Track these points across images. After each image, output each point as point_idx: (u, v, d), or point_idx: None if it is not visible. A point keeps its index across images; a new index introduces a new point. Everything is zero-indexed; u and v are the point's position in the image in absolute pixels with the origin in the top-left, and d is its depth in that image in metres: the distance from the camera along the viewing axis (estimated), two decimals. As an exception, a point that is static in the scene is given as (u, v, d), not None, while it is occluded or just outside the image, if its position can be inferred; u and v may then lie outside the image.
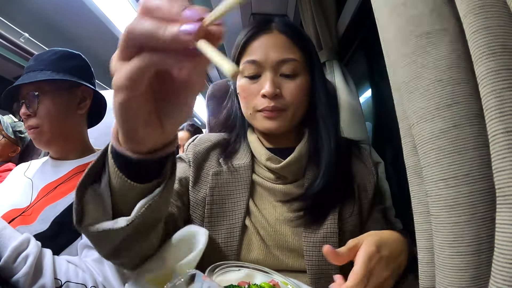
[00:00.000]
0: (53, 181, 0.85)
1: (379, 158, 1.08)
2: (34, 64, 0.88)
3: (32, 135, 0.85)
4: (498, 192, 0.28)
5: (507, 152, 0.27)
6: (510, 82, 0.28)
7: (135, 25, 0.27)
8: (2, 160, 1.54)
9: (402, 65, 0.40)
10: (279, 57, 0.68)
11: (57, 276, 0.63)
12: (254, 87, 0.70)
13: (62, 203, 0.78)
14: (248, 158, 0.74)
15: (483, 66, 0.29)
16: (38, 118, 0.84)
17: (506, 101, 0.28)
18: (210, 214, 0.69)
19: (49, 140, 0.87)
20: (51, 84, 0.86)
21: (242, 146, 0.78)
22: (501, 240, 0.27)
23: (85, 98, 0.93)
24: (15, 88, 0.84)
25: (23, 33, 2.01)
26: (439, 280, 0.35)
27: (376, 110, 1.32)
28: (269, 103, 0.67)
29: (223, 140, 0.79)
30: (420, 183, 0.42)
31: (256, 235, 0.67)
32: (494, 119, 0.28)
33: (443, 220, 0.34)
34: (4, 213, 0.80)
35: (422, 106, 0.37)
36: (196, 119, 5.32)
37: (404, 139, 0.45)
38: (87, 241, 0.72)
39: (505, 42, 0.29)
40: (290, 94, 0.68)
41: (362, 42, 1.37)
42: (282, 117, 0.69)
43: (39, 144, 0.87)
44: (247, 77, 0.71)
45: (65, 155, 0.91)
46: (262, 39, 0.70)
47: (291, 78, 0.69)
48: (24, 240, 0.62)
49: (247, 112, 0.73)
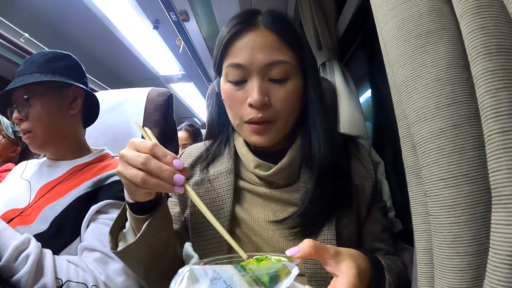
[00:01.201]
0: (50, 181, 0.85)
1: (379, 158, 1.08)
2: (24, 68, 0.87)
3: (27, 140, 0.85)
4: (493, 192, 0.28)
5: (502, 152, 0.27)
6: (506, 82, 0.28)
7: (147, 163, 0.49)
8: (2, 160, 1.54)
9: (401, 64, 0.40)
10: (267, 59, 0.60)
11: (57, 275, 0.63)
12: (239, 94, 0.62)
13: (61, 203, 0.78)
14: (230, 162, 0.70)
15: (479, 66, 0.29)
16: (30, 121, 0.84)
17: (502, 101, 0.27)
18: (194, 226, 0.68)
19: (43, 143, 0.86)
20: (40, 86, 0.85)
21: (225, 150, 0.73)
22: (496, 240, 0.27)
23: (76, 98, 0.92)
24: (7, 93, 0.84)
25: (23, 33, 2.01)
26: (438, 281, 0.35)
27: (376, 110, 1.31)
28: (256, 113, 0.60)
29: (206, 149, 0.77)
30: (419, 183, 0.41)
31: (249, 244, 0.65)
32: (490, 119, 0.28)
33: (442, 220, 0.34)
34: (3, 214, 0.80)
35: (421, 106, 0.37)
36: (196, 119, 5.32)
37: (403, 139, 0.44)
38: (87, 244, 0.72)
39: (501, 42, 0.29)
40: (280, 102, 0.61)
41: (362, 42, 1.36)
42: (271, 130, 0.63)
43: (34, 148, 0.86)
44: (231, 82, 0.63)
45: (61, 155, 0.91)
46: (247, 38, 0.61)
47: (281, 83, 0.61)
48: (25, 240, 0.62)
49: (234, 122, 0.67)
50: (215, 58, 0.67)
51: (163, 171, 0.49)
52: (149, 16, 2.26)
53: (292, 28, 0.65)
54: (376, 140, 1.28)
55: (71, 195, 0.79)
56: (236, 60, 0.61)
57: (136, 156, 0.49)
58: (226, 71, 0.64)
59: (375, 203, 0.71)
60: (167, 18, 2.14)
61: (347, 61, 1.50)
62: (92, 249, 0.71)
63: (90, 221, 0.76)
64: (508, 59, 0.28)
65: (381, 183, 1.02)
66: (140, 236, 0.55)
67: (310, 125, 0.66)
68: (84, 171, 0.85)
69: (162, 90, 1.22)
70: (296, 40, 0.64)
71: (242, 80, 0.62)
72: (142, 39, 2.55)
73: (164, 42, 2.64)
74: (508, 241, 0.26)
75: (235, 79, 0.62)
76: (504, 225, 0.26)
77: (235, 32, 0.62)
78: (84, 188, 0.80)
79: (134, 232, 0.58)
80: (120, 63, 2.94)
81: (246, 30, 0.62)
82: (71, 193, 0.79)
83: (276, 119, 0.62)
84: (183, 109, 4.64)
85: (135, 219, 0.57)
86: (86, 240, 0.73)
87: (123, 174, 0.50)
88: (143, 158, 0.49)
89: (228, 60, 0.63)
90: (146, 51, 2.79)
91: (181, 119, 4.84)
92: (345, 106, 1.17)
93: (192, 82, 3.65)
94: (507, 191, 0.27)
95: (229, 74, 0.63)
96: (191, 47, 2.65)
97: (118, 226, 0.60)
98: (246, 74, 0.62)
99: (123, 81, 3.29)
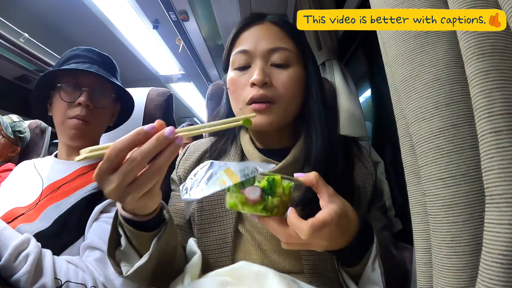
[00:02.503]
0: (57, 181, 0.85)
1: (379, 158, 1.08)
2: (99, 60, 0.91)
3: (78, 124, 0.83)
4: (486, 192, 0.28)
5: (495, 152, 0.27)
6: (499, 82, 0.28)
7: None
8: (2, 160, 1.54)
9: (399, 64, 0.40)
10: (269, 45, 0.65)
11: (57, 276, 0.63)
12: (243, 78, 0.66)
13: (66, 202, 0.78)
14: (237, 160, 0.72)
15: (473, 67, 0.29)
16: (91, 114, 0.84)
17: (495, 102, 0.28)
18: (200, 221, 0.68)
19: (87, 141, 0.87)
20: (111, 90, 0.91)
21: (232, 148, 0.75)
22: (488, 239, 0.27)
23: (115, 114, 0.97)
24: (67, 72, 0.84)
25: (23, 33, 2.02)
26: (437, 280, 0.35)
27: (376, 110, 1.31)
28: (257, 91, 0.63)
29: (212, 145, 0.78)
30: (417, 183, 0.41)
31: (251, 240, 0.66)
32: (483, 119, 0.28)
33: (441, 220, 0.34)
34: (8, 211, 0.80)
35: (420, 105, 0.37)
36: (196, 119, 5.32)
37: (402, 138, 0.45)
38: (89, 242, 0.72)
39: (495, 43, 0.29)
40: (281, 85, 0.64)
41: (362, 41, 1.36)
42: (272, 111, 0.64)
43: (77, 136, 0.84)
44: (237, 69, 0.68)
45: (72, 156, 0.91)
46: (253, 29, 0.68)
47: (282, 67, 0.65)
48: (24, 240, 0.62)
49: (236, 108, 0.69)
50: (225, 54, 0.72)
51: (156, 139, 0.41)
52: (148, 16, 2.26)
53: (295, 26, 0.68)
54: (375, 140, 1.28)
55: (76, 195, 0.79)
56: (242, 47, 0.67)
57: (114, 157, 0.41)
58: (233, 59, 0.69)
59: (374, 202, 0.71)
60: (166, 18, 2.14)
61: (347, 61, 1.50)
62: (94, 248, 0.71)
63: (93, 221, 0.76)
64: (502, 59, 0.29)
65: (381, 182, 1.02)
66: (151, 254, 0.52)
67: (311, 119, 0.68)
68: (90, 174, 0.85)
69: (162, 90, 1.22)
70: (297, 34, 0.69)
71: (246, 65, 0.67)
72: (142, 39, 2.55)
73: (163, 42, 2.64)
74: (499, 240, 0.26)
75: (241, 65, 0.67)
76: (495, 224, 0.27)
77: (243, 26, 0.69)
78: (90, 189, 0.80)
79: (137, 249, 0.55)
80: (119, 63, 2.92)
81: (253, 24, 0.69)
82: (77, 193, 0.79)
83: (277, 100, 0.64)
84: (183, 108, 4.64)
85: (137, 237, 0.52)
86: (88, 239, 0.73)
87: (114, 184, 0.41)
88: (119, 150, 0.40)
89: (235, 49, 0.69)
90: (145, 51, 2.79)
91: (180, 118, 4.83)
92: (345, 106, 1.17)
93: (191, 81, 3.64)
94: (499, 191, 0.27)
95: (235, 61, 0.68)
96: (191, 47, 2.64)
97: (113, 246, 0.55)
98: (250, 59, 0.66)
99: (123, 81, 3.27)
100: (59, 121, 0.85)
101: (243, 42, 0.68)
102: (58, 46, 2.36)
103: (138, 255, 0.55)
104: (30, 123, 1.64)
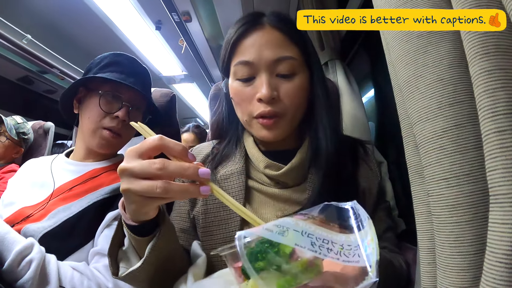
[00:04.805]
0: (68, 181, 0.84)
1: (382, 158, 1.08)
2: (140, 73, 0.93)
3: (110, 137, 0.86)
4: (490, 191, 0.28)
5: (499, 152, 0.27)
6: (503, 82, 0.28)
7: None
8: (6, 161, 1.55)
9: (403, 64, 0.40)
10: (274, 55, 0.61)
11: (62, 283, 0.62)
12: (248, 90, 0.63)
13: (77, 205, 0.77)
14: (241, 163, 0.70)
15: (477, 66, 0.29)
16: (124, 127, 0.87)
17: (499, 101, 0.28)
18: (204, 224, 0.67)
19: (113, 148, 0.90)
20: (146, 106, 0.94)
21: (236, 151, 0.73)
22: (492, 239, 0.27)
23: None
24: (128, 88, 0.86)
25: (26, 35, 2.03)
26: (441, 280, 0.35)
27: (379, 110, 1.31)
28: (265, 107, 0.61)
29: (214, 148, 0.77)
30: (421, 183, 0.41)
31: None
32: (486, 118, 0.28)
33: (444, 220, 0.34)
34: (16, 211, 0.80)
35: (424, 105, 0.37)
36: (199, 119, 5.33)
37: (406, 139, 0.45)
38: (99, 249, 0.71)
39: (499, 42, 0.29)
40: (288, 97, 0.62)
41: (365, 41, 1.36)
42: (280, 125, 0.63)
43: (103, 145, 0.87)
44: (240, 80, 0.65)
45: (87, 158, 0.91)
46: (254, 36, 0.63)
47: (288, 78, 0.63)
48: (28, 245, 0.61)
49: (242, 119, 0.68)
50: (223, 59, 0.68)
51: (186, 169, 0.42)
52: (151, 17, 2.26)
53: (296, 26, 0.66)
54: (379, 140, 1.27)
55: (88, 199, 0.78)
56: (244, 58, 0.63)
57: (148, 164, 0.41)
58: (234, 69, 0.65)
59: (379, 204, 0.71)
60: (169, 19, 2.14)
61: (350, 60, 1.50)
62: (104, 254, 0.70)
63: (106, 227, 0.76)
64: (506, 59, 0.28)
65: (384, 182, 1.02)
66: (144, 260, 0.51)
67: (317, 121, 0.67)
68: (102, 177, 0.85)
69: (165, 91, 1.22)
70: (300, 38, 0.65)
71: (250, 77, 0.64)
72: (145, 40, 2.55)
73: (166, 43, 2.64)
74: (503, 240, 0.26)
75: (244, 76, 0.64)
76: (499, 224, 0.27)
77: (242, 32, 0.64)
78: (102, 193, 0.79)
79: (137, 251, 0.55)
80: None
81: (253, 29, 0.64)
82: (88, 196, 0.79)
83: (285, 113, 0.63)
84: (186, 109, 4.65)
85: (135, 240, 0.52)
86: (99, 245, 0.73)
87: (133, 190, 0.42)
88: (159, 163, 0.41)
89: (236, 59, 0.65)
90: (148, 52, 2.79)
91: (184, 119, 4.84)
92: (348, 106, 1.16)
93: (194, 82, 3.65)
94: (503, 190, 0.27)
95: (238, 72, 0.64)
96: (194, 47, 2.65)
97: (116, 245, 0.55)
98: (254, 70, 0.63)
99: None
100: (90, 127, 0.85)
101: (244, 52, 0.63)
102: (61, 48, 2.38)
103: (138, 257, 0.54)
104: (34, 124, 1.65)
